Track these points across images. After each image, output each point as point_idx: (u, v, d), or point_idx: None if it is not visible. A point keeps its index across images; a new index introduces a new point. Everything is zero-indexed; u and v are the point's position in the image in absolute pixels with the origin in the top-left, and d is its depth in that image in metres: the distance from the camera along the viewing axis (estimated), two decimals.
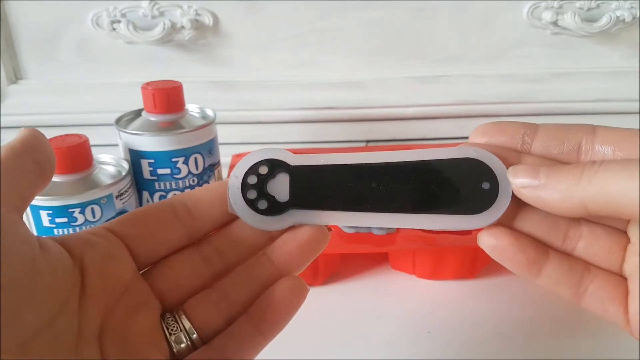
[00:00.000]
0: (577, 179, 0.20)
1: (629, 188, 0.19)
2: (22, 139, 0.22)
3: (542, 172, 0.21)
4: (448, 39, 0.59)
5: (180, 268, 0.24)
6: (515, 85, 0.60)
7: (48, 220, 0.38)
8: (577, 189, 0.20)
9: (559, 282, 0.23)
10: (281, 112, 0.60)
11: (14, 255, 0.17)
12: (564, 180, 0.21)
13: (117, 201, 0.40)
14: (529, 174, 0.22)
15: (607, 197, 0.20)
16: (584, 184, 0.20)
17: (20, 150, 0.21)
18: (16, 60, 0.60)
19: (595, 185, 0.20)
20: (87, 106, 0.59)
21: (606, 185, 0.20)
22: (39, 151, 0.22)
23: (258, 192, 0.24)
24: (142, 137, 0.43)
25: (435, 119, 0.61)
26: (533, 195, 0.22)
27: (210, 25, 0.57)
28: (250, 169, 0.24)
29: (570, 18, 0.56)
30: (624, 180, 0.19)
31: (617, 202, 0.19)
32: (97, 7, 0.56)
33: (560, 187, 0.21)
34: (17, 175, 0.20)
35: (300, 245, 0.24)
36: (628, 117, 0.61)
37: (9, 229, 0.18)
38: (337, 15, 0.57)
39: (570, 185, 0.20)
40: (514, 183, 0.22)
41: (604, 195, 0.20)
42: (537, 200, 0.22)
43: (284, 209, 0.23)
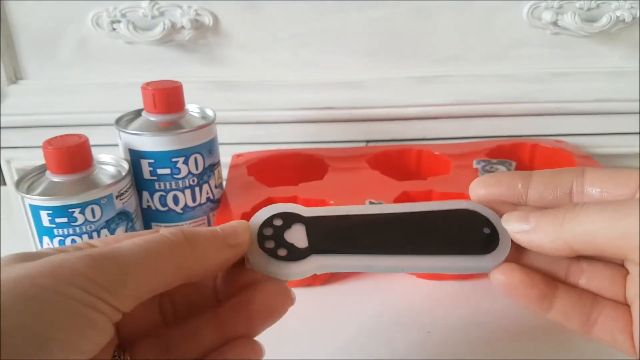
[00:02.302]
0: (560, 221, 0.22)
1: (607, 228, 0.20)
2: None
3: (532, 217, 0.23)
4: (448, 39, 0.59)
5: (141, 308, 0.22)
6: (515, 85, 0.60)
7: (48, 220, 0.38)
8: (562, 230, 0.22)
9: (569, 315, 0.24)
10: (281, 112, 0.60)
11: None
12: (550, 223, 0.22)
13: (117, 201, 0.40)
14: (520, 219, 0.23)
15: (589, 238, 0.21)
16: (567, 227, 0.21)
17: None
18: (16, 60, 0.60)
19: (577, 227, 0.21)
20: (87, 106, 0.59)
21: (586, 226, 0.21)
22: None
23: (276, 241, 0.24)
24: (142, 137, 0.43)
25: (435, 119, 0.61)
26: (526, 239, 0.23)
27: (210, 25, 0.57)
28: (264, 223, 0.24)
29: (570, 18, 0.56)
30: (602, 221, 0.20)
31: (598, 241, 0.21)
32: (97, 7, 0.56)
33: (547, 230, 0.22)
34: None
35: (259, 310, 0.23)
36: (628, 117, 0.61)
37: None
38: (337, 15, 0.57)
39: (556, 228, 0.22)
40: (508, 229, 0.24)
41: (585, 236, 0.21)
42: (530, 243, 0.23)
43: (305, 254, 0.23)
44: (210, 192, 0.46)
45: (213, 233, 0.22)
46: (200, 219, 0.46)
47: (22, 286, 0.17)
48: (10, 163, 0.63)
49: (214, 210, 0.47)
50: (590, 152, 0.60)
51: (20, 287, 0.17)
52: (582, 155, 0.57)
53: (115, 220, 0.40)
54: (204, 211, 0.46)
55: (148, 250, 0.20)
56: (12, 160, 0.63)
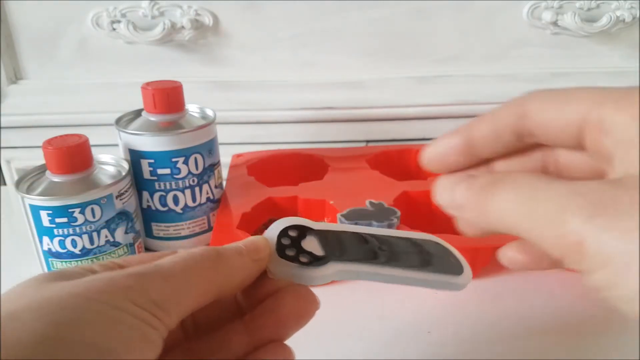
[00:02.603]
0: (480, 200, 0.20)
1: (527, 218, 0.18)
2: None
3: (458, 191, 0.21)
4: (448, 39, 0.59)
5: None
6: (515, 85, 0.60)
7: (48, 220, 0.38)
8: (480, 211, 0.20)
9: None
10: (281, 112, 0.60)
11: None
12: (472, 200, 0.20)
13: (117, 201, 0.40)
14: (445, 189, 0.22)
15: (507, 225, 0.19)
16: (485, 208, 0.20)
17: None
18: (16, 60, 0.60)
19: (494, 209, 0.19)
20: (87, 106, 0.59)
21: (504, 211, 0.19)
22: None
23: (296, 249, 0.25)
24: (142, 137, 0.43)
25: (435, 119, 0.61)
26: (457, 214, 0.22)
27: (210, 25, 0.57)
28: (281, 233, 0.25)
29: (570, 18, 0.56)
30: (521, 208, 0.18)
31: (518, 231, 0.19)
32: (97, 7, 0.57)
33: (469, 209, 0.21)
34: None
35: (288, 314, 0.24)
36: None
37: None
38: (337, 15, 0.57)
39: (476, 209, 0.20)
40: (438, 201, 0.22)
41: (504, 223, 0.19)
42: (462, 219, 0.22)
43: (325, 261, 0.25)
44: (210, 192, 0.46)
45: (238, 250, 0.23)
46: (200, 219, 0.46)
47: (78, 302, 0.17)
48: (10, 163, 0.63)
49: (214, 210, 0.47)
50: None
51: (78, 303, 0.17)
52: None
53: (115, 220, 0.40)
54: (204, 211, 0.46)
55: (187, 267, 0.20)
56: (12, 160, 0.63)
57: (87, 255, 0.40)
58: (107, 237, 0.40)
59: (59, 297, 0.17)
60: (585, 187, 0.17)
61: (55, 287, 0.18)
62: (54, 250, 0.39)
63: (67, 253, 0.39)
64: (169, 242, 0.46)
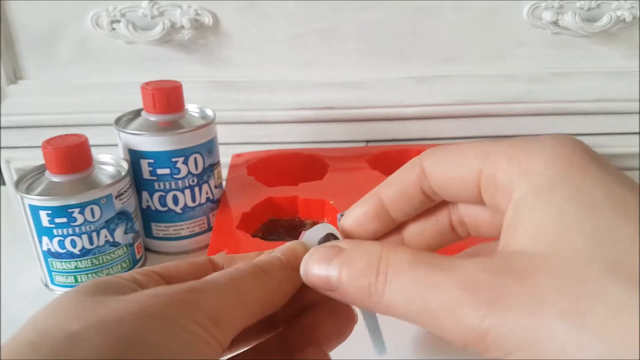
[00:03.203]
0: (366, 294, 0.19)
1: (424, 316, 0.17)
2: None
3: (333, 272, 0.20)
4: (448, 39, 0.59)
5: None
6: (515, 85, 0.60)
7: (47, 220, 0.38)
8: (371, 304, 0.19)
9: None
10: (281, 112, 0.60)
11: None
12: (356, 291, 0.19)
13: (117, 201, 0.40)
14: (320, 267, 0.20)
15: (405, 318, 0.18)
16: (376, 301, 0.19)
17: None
18: (16, 60, 0.59)
19: (387, 305, 0.18)
20: (86, 106, 0.59)
21: (398, 309, 0.18)
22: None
23: None
24: (142, 137, 0.43)
25: (435, 119, 0.61)
26: (335, 297, 0.20)
27: (210, 25, 0.57)
28: (322, 239, 0.24)
29: (570, 18, 0.56)
30: (416, 306, 0.18)
31: (417, 324, 0.18)
32: (97, 7, 0.56)
33: (354, 298, 0.20)
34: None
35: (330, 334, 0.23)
36: (628, 117, 0.61)
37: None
38: (336, 15, 0.57)
39: (364, 300, 0.19)
40: (307, 281, 0.21)
41: (400, 316, 0.18)
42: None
43: None
44: (210, 192, 0.46)
45: (279, 262, 0.22)
46: (200, 219, 0.46)
47: (140, 321, 0.17)
48: (10, 163, 0.63)
49: (213, 210, 0.47)
50: None
51: (139, 322, 0.16)
52: None
53: (115, 220, 0.40)
54: (203, 211, 0.46)
55: (239, 284, 0.20)
56: (12, 160, 0.63)
57: (87, 255, 0.40)
58: (107, 237, 0.40)
59: (119, 316, 0.16)
60: (473, 278, 0.16)
61: (112, 305, 0.17)
62: (54, 250, 0.39)
63: (66, 253, 0.39)
64: (169, 242, 0.46)
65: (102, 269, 0.41)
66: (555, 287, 0.15)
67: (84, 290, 0.19)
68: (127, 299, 0.18)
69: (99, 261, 0.40)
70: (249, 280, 0.20)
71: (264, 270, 0.21)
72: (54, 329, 0.16)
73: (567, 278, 0.15)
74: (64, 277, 0.40)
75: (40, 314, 0.18)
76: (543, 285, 0.15)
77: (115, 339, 0.16)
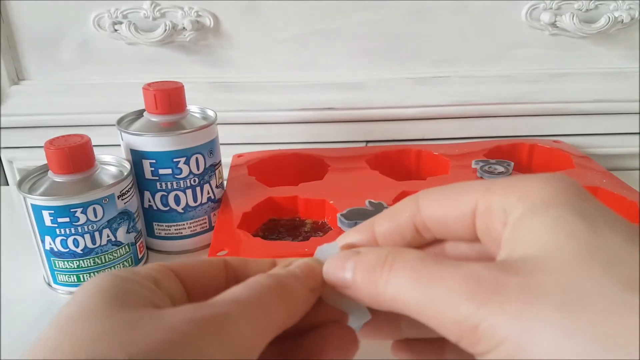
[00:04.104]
0: (374, 284, 0.19)
1: (423, 304, 0.18)
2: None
3: (348, 265, 0.20)
4: (447, 40, 0.59)
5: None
6: (514, 86, 0.60)
7: (50, 220, 0.38)
8: (376, 294, 0.19)
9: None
10: (282, 112, 0.60)
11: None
12: (365, 282, 0.20)
13: (119, 201, 0.40)
14: (337, 268, 0.21)
15: (404, 310, 0.19)
16: (380, 291, 0.19)
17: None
18: (18, 61, 0.60)
19: (389, 294, 0.19)
20: (89, 107, 0.60)
21: (400, 297, 0.19)
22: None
23: None
24: (144, 138, 0.43)
25: (435, 120, 0.61)
26: (349, 294, 0.21)
27: (211, 26, 0.58)
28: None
29: (568, 19, 0.56)
30: (416, 294, 0.18)
31: (415, 316, 0.18)
32: (99, 8, 0.57)
33: (363, 290, 0.20)
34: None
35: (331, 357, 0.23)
36: (627, 118, 0.61)
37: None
38: (337, 16, 0.58)
39: (370, 290, 0.20)
40: (328, 280, 0.22)
41: (400, 307, 0.19)
42: (355, 299, 0.21)
43: None
44: (211, 192, 0.47)
45: (299, 280, 0.21)
46: (201, 219, 0.47)
47: (171, 350, 0.16)
48: (13, 163, 0.63)
49: (215, 210, 0.47)
50: (589, 153, 0.61)
51: (171, 351, 0.16)
52: (581, 155, 0.57)
53: (117, 220, 0.41)
54: (205, 211, 0.47)
55: (264, 305, 0.19)
56: (14, 160, 0.63)
57: (89, 254, 0.40)
58: (109, 236, 0.40)
59: (148, 344, 0.16)
60: (475, 272, 0.17)
61: (148, 328, 0.17)
62: (56, 249, 0.39)
63: (69, 252, 0.40)
64: (171, 242, 0.46)
65: (105, 268, 0.41)
66: (551, 282, 0.16)
67: (110, 298, 0.18)
68: (162, 323, 0.17)
69: (101, 260, 0.41)
70: (272, 299, 0.20)
71: (286, 289, 0.21)
72: (94, 353, 0.15)
73: (564, 276, 0.16)
74: (66, 276, 0.41)
75: (63, 326, 0.17)
76: (540, 281, 0.16)
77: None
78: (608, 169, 0.53)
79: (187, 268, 0.22)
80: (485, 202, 0.20)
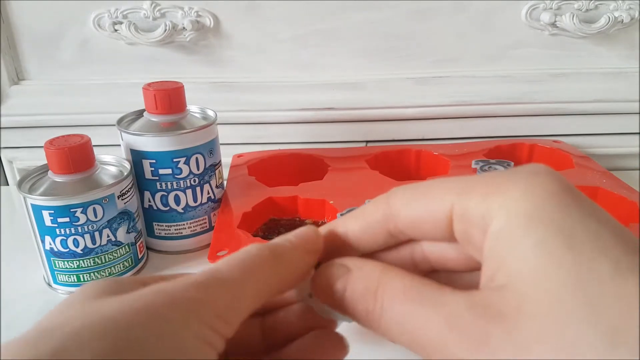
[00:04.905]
0: (364, 314, 0.19)
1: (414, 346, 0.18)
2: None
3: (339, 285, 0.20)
4: (447, 40, 0.59)
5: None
6: (514, 86, 0.60)
7: (50, 220, 0.38)
8: (369, 325, 0.19)
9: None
10: (281, 112, 0.60)
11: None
12: (357, 310, 0.20)
13: (119, 201, 0.40)
14: (327, 287, 0.20)
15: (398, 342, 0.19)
16: (374, 324, 0.19)
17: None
18: (18, 61, 0.60)
19: (382, 329, 0.19)
20: (89, 107, 0.60)
21: (391, 333, 0.19)
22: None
23: None
24: (144, 138, 0.43)
25: (434, 120, 0.61)
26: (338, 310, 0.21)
27: (211, 26, 0.58)
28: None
29: (568, 19, 0.56)
30: (405, 337, 0.18)
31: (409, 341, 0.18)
32: (99, 8, 0.57)
33: (356, 316, 0.20)
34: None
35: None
36: (627, 118, 0.61)
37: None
38: (337, 16, 0.58)
39: (363, 320, 0.20)
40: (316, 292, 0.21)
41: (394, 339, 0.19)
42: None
43: None
44: (211, 192, 0.47)
45: (291, 242, 0.21)
46: (202, 219, 0.47)
47: (140, 320, 0.16)
48: (13, 163, 0.63)
49: (215, 210, 0.47)
50: (589, 153, 0.61)
51: (140, 321, 0.16)
52: (581, 155, 0.57)
53: (117, 219, 0.41)
54: (205, 211, 0.47)
55: (245, 272, 0.19)
56: (15, 160, 0.63)
57: (89, 254, 0.40)
58: (109, 236, 0.40)
59: (120, 314, 0.16)
60: (464, 316, 0.17)
61: (114, 303, 0.17)
62: (56, 249, 0.40)
63: (69, 252, 0.40)
64: (171, 242, 0.46)
65: (105, 268, 0.41)
66: (536, 333, 0.15)
67: (91, 290, 0.19)
68: (130, 298, 0.17)
69: (102, 260, 0.41)
70: (261, 267, 0.20)
71: (276, 253, 0.20)
72: (55, 328, 0.16)
73: (548, 324, 0.15)
74: (66, 276, 0.41)
75: (48, 314, 0.18)
76: (524, 332, 0.16)
77: (114, 338, 0.16)
78: (608, 169, 0.53)
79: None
80: (461, 206, 0.19)
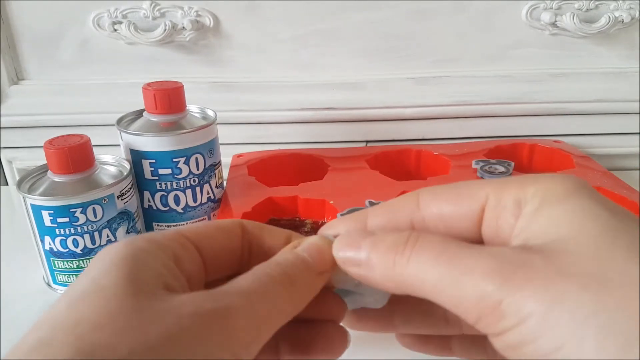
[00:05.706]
0: (392, 262, 0.19)
1: (444, 282, 0.18)
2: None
3: (364, 246, 0.20)
4: (447, 40, 0.59)
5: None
6: (514, 86, 0.60)
7: (50, 220, 0.38)
8: (394, 273, 0.19)
9: (470, 350, 0.24)
10: (281, 112, 0.60)
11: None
12: (381, 260, 0.19)
13: (119, 201, 0.40)
14: (350, 246, 0.21)
15: (421, 290, 0.18)
16: (399, 270, 0.19)
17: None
18: (18, 61, 0.60)
19: (407, 275, 0.19)
20: (88, 107, 0.60)
21: (420, 274, 0.18)
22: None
23: None
24: (143, 138, 0.43)
25: (435, 120, 0.61)
26: (357, 274, 0.20)
27: (210, 26, 0.58)
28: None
29: (568, 19, 0.56)
30: (438, 271, 0.18)
31: (433, 296, 0.18)
32: (99, 8, 0.57)
33: (378, 270, 0.20)
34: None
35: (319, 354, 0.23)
36: (627, 118, 0.61)
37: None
38: (336, 16, 0.58)
39: (387, 269, 0.19)
40: (337, 257, 0.21)
41: (417, 288, 0.18)
42: (362, 279, 0.20)
43: None
44: (211, 192, 0.47)
45: (307, 265, 0.21)
46: (201, 219, 0.46)
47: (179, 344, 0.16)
48: (12, 163, 0.63)
49: (214, 210, 0.47)
50: (589, 153, 0.61)
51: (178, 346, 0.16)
52: (581, 155, 0.57)
53: (117, 219, 0.41)
54: (204, 211, 0.47)
55: (271, 300, 0.19)
56: (14, 160, 0.63)
57: (89, 254, 0.40)
58: (109, 236, 0.40)
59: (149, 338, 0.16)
60: (499, 251, 0.17)
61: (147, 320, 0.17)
62: (56, 249, 0.39)
63: (68, 253, 0.40)
64: None
65: None
66: (577, 263, 0.16)
67: (124, 277, 0.18)
68: (167, 318, 0.17)
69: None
70: (278, 292, 0.19)
71: (292, 280, 0.20)
72: (101, 348, 0.15)
73: (589, 257, 0.16)
74: (66, 276, 0.41)
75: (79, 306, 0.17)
76: (565, 261, 0.16)
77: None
78: (608, 169, 0.53)
79: (205, 239, 0.22)
80: (497, 196, 0.19)
